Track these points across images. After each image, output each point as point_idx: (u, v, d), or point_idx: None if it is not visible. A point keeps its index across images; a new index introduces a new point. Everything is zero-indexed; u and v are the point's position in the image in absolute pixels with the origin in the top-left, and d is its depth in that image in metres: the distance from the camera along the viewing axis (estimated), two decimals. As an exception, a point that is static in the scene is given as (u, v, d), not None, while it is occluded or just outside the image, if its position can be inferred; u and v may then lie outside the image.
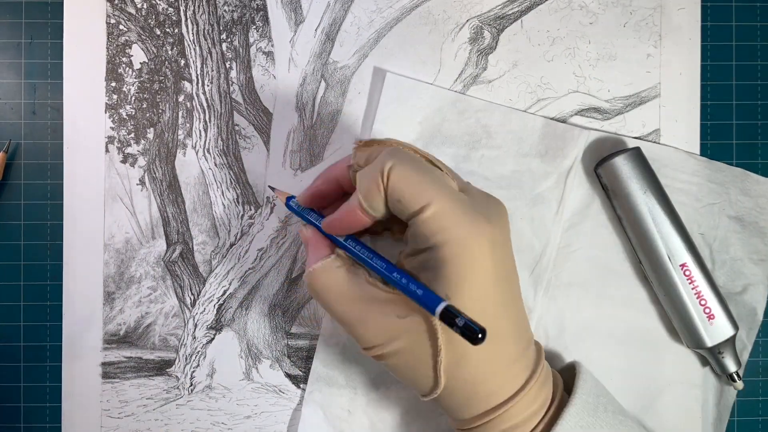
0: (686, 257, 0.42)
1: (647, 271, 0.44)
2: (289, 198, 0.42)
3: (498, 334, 0.33)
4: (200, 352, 0.45)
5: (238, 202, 0.46)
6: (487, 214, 0.33)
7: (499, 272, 0.33)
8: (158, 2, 0.46)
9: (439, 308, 0.30)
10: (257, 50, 0.46)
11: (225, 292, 0.46)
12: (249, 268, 0.46)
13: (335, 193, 0.39)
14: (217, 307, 0.46)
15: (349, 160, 0.38)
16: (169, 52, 0.46)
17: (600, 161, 0.44)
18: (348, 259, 0.37)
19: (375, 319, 0.34)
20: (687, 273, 0.42)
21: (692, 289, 0.42)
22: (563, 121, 0.46)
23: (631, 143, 0.45)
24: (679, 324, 0.43)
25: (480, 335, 0.28)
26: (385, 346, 0.34)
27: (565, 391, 0.38)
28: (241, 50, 0.46)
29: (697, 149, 0.46)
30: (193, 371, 0.45)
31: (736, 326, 0.42)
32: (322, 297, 0.36)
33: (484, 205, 0.34)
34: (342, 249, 0.37)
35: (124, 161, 0.46)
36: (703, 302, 0.42)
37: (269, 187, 0.45)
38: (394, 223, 0.38)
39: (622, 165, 0.42)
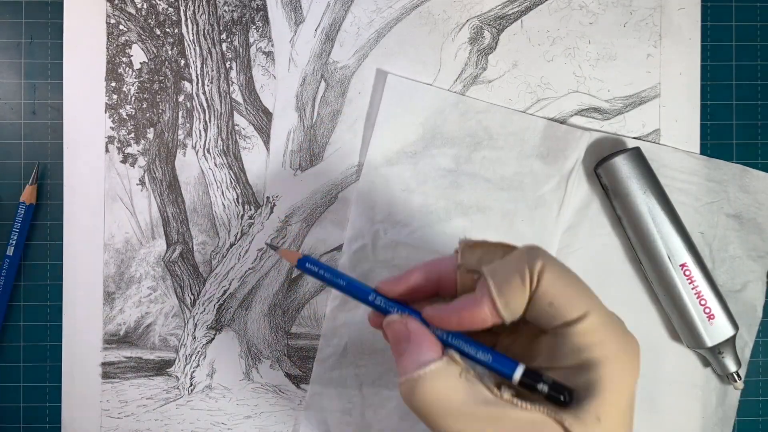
0: (686, 257, 0.42)
1: (647, 271, 0.44)
2: (303, 259, 0.34)
3: None
4: (200, 352, 0.45)
5: (238, 202, 0.46)
6: (628, 342, 0.30)
7: (625, 405, 0.30)
8: (158, 2, 0.46)
9: (519, 370, 0.28)
10: (257, 50, 0.46)
11: (225, 292, 0.46)
12: (249, 268, 0.46)
13: (430, 293, 0.33)
14: (217, 307, 0.46)
15: (452, 259, 0.32)
16: (169, 52, 0.46)
17: (600, 161, 0.44)
18: (462, 365, 0.29)
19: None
20: (687, 273, 0.42)
21: (692, 289, 0.42)
22: (563, 121, 0.46)
23: (631, 143, 0.45)
24: (679, 324, 0.43)
25: (567, 398, 0.27)
26: None
27: None
28: (241, 50, 0.46)
29: (697, 149, 0.46)
30: (193, 371, 0.45)
31: (736, 326, 0.42)
32: (429, 412, 0.28)
33: (625, 331, 0.31)
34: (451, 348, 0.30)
35: (124, 161, 0.46)
36: (703, 302, 0.42)
37: (268, 245, 0.43)
38: (506, 329, 0.32)
39: (622, 165, 0.43)
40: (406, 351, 0.30)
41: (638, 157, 0.43)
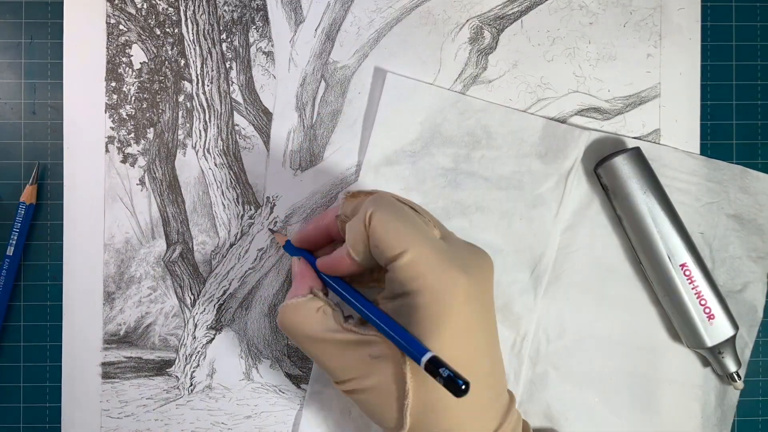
0: (686, 257, 0.42)
1: (647, 271, 0.44)
2: (288, 242, 0.43)
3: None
4: (200, 352, 0.45)
5: (238, 202, 0.46)
6: (465, 264, 0.34)
7: (472, 323, 0.33)
8: (158, 2, 0.46)
9: (425, 358, 0.30)
10: (257, 50, 0.46)
11: (225, 292, 0.46)
12: (249, 268, 0.46)
13: (324, 240, 0.40)
14: (217, 307, 0.46)
15: (337, 210, 0.38)
16: (169, 52, 0.46)
17: (600, 161, 0.44)
18: (325, 301, 0.37)
19: (346, 357, 0.34)
20: (687, 273, 0.42)
21: (692, 289, 0.42)
22: (563, 121, 0.46)
23: (631, 143, 0.45)
24: (679, 324, 0.43)
25: (463, 387, 0.29)
26: (356, 382, 0.34)
27: None
28: (241, 50, 0.46)
29: (697, 149, 0.46)
30: (193, 371, 0.45)
31: (736, 326, 0.42)
32: (290, 333, 0.36)
33: (465, 255, 0.35)
34: (330, 289, 0.38)
35: (124, 161, 0.46)
36: (703, 302, 0.42)
37: (269, 229, 0.45)
38: (379, 271, 0.38)
39: (622, 165, 0.43)
40: (293, 285, 0.38)
41: (638, 157, 0.43)
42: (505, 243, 0.45)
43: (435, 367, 0.30)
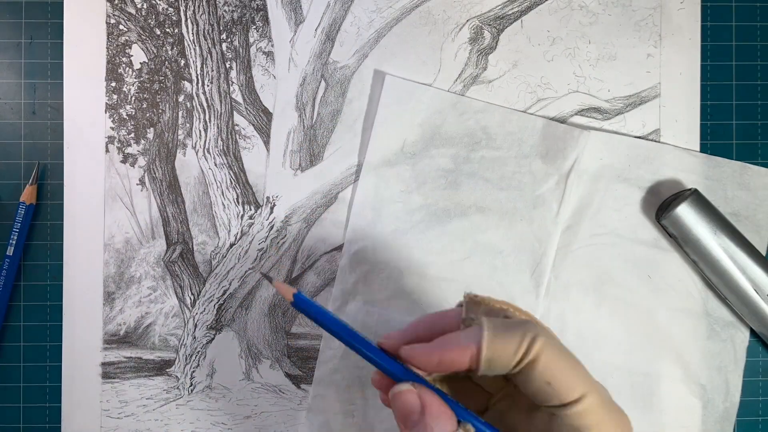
0: None
1: (735, 306, 0.44)
2: (297, 295, 0.32)
3: None
4: (200, 352, 0.45)
5: (238, 202, 0.46)
6: (622, 422, 0.30)
7: None
8: (158, 2, 0.46)
9: None
10: (257, 50, 0.46)
11: (225, 292, 0.46)
12: (249, 268, 0.46)
13: (427, 340, 0.31)
14: (217, 307, 0.46)
15: (459, 312, 0.31)
16: (169, 52, 0.46)
17: (662, 209, 0.44)
18: None
19: None
20: None
21: None
22: (563, 121, 0.46)
23: (632, 143, 0.45)
24: None
25: None
26: None
27: None
28: (241, 50, 0.46)
29: (697, 149, 0.46)
30: (193, 371, 0.45)
31: None
32: None
33: (619, 411, 0.31)
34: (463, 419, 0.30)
35: (124, 161, 0.46)
36: None
37: (261, 273, 0.43)
38: (501, 394, 0.33)
39: (687, 213, 0.43)
40: (419, 423, 0.29)
41: (699, 199, 0.43)
42: (506, 243, 0.45)
43: None
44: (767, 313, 0.43)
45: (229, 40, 0.46)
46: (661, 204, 0.44)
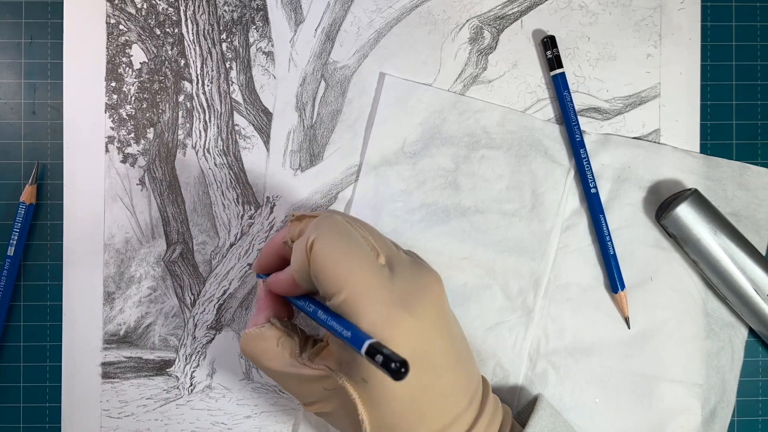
0: None
1: (735, 306, 0.44)
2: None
3: (427, 404, 0.33)
4: (200, 352, 0.45)
5: (238, 202, 0.46)
6: (405, 297, 0.32)
7: (416, 354, 0.32)
8: (158, 2, 0.46)
9: (365, 345, 0.29)
10: (257, 50, 0.46)
11: (225, 292, 0.46)
12: (249, 268, 0.46)
13: (278, 265, 0.39)
14: (217, 307, 0.46)
15: (285, 234, 0.38)
16: (169, 52, 0.46)
17: (661, 210, 0.44)
18: (282, 330, 0.37)
19: (304, 387, 0.35)
20: None
21: None
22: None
23: (632, 143, 0.45)
24: None
25: (403, 369, 0.28)
26: (318, 406, 0.36)
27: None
28: (241, 50, 0.46)
29: (697, 149, 0.46)
30: (193, 371, 0.45)
31: None
32: (252, 361, 0.38)
33: (408, 284, 0.33)
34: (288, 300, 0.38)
35: (124, 161, 0.46)
36: None
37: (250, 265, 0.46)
38: None
39: (687, 213, 0.43)
40: (253, 312, 0.39)
41: (699, 199, 0.43)
42: (506, 243, 0.45)
43: (375, 353, 0.29)
44: (767, 313, 0.43)
45: (229, 40, 0.46)
46: (661, 204, 0.44)
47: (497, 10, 0.46)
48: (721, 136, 0.47)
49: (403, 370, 0.28)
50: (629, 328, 0.45)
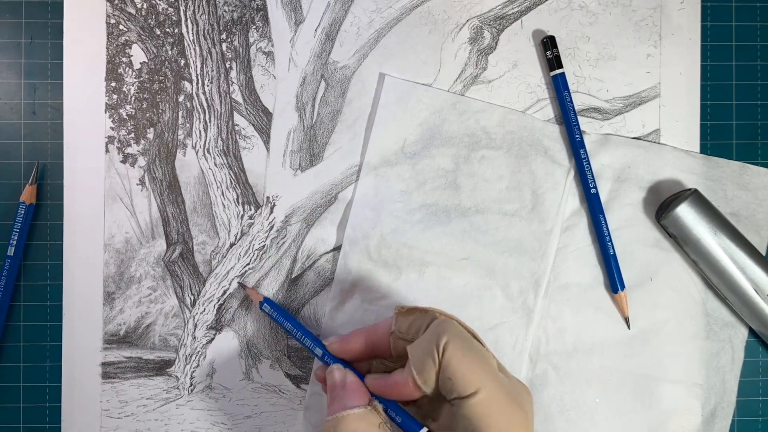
0: None
1: (735, 306, 0.44)
2: (263, 301, 0.44)
3: None
4: (200, 352, 0.45)
5: (238, 202, 0.46)
6: (521, 401, 0.34)
7: None
8: (158, 2, 0.46)
9: None
10: (257, 50, 0.46)
11: (225, 292, 0.46)
12: (249, 268, 0.46)
13: (367, 354, 0.39)
14: (217, 307, 0.46)
15: (389, 325, 0.37)
16: (169, 52, 0.46)
17: (661, 210, 0.44)
18: (384, 417, 0.35)
19: None
20: None
21: None
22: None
23: (632, 143, 0.45)
24: None
25: None
26: None
27: None
28: (241, 50, 0.46)
29: (697, 149, 0.46)
30: (193, 371, 0.45)
31: None
32: None
33: (517, 389, 0.34)
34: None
35: (124, 161, 0.46)
36: None
37: (239, 283, 0.45)
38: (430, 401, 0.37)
39: (687, 213, 0.43)
40: (338, 396, 0.36)
41: (699, 199, 0.43)
42: (506, 243, 0.45)
43: None
44: (767, 313, 0.43)
45: (229, 40, 0.46)
46: (661, 204, 0.44)
47: (497, 10, 0.46)
48: (721, 136, 0.47)
49: None
50: (629, 328, 0.45)
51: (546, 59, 0.45)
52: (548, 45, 0.45)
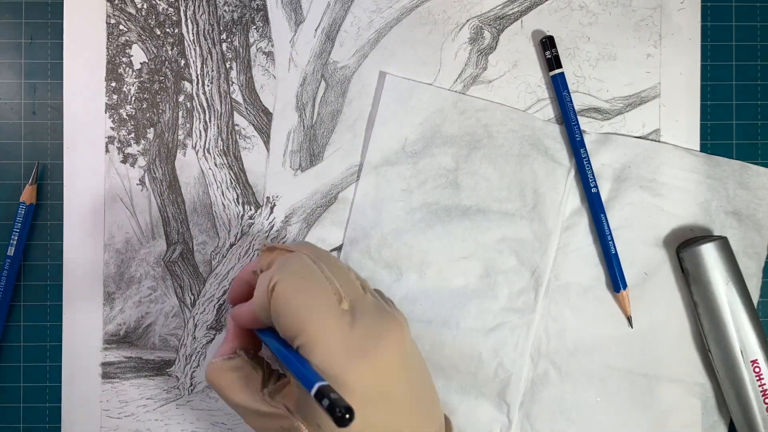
0: (759, 354, 0.42)
1: (715, 360, 0.44)
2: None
3: None
4: (200, 352, 0.45)
5: (238, 202, 0.46)
6: (365, 347, 0.33)
7: (372, 403, 0.32)
8: (158, 2, 0.46)
9: (314, 388, 0.30)
10: (257, 50, 0.46)
11: (225, 292, 0.46)
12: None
13: (248, 295, 0.39)
14: (217, 307, 0.46)
15: (255, 264, 0.38)
16: (169, 52, 0.46)
17: (684, 243, 0.44)
18: (247, 363, 0.37)
19: (263, 423, 0.35)
20: (756, 370, 0.42)
21: (759, 387, 0.42)
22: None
23: (632, 143, 0.45)
24: (739, 417, 0.43)
25: (347, 416, 0.28)
26: None
27: None
28: (241, 50, 0.46)
29: (697, 149, 0.46)
30: (193, 371, 0.45)
31: None
32: (216, 392, 0.38)
33: (370, 331, 0.33)
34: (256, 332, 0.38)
35: (124, 161, 0.46)
36: (767, 401, 0.42)
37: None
38: None
39: (708, 254, 0.43)
40: (222, 340, 0.39)
41: (725, 247, 0.43)
42: (506, 243, 0.45)
43: (320, 398, 0.29)
44: (743, 376, 0.42)
45: (229, 40, 0.46)
46: (687, 240, 0.44)
47: (497, 10, 0.46)
48: (721, 136, 0.47)
49: (347, 416, 0.28)
50: (632, 327, 0.45)
51: (545, 59, 0.45)
52: (547, 45, 0.45)
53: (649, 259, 0.45)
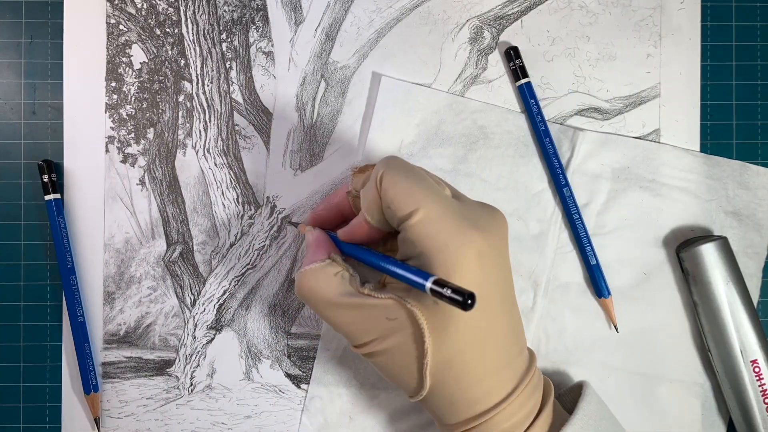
0: (758, 354, 0.42)
1: (714, 360, 0.44)
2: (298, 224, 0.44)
3: (486, 341, 0.33)
4: (200, 352, 0.45)
5: (238, 202, 0.46)
6: (478, 222, 0.33)
7: (486, 281, 0.33)
8: (158, 2, 0.46)
9: (429, 282, 0.30)
10: (257, 50, 0.46)
11: (225, 292, 0.46)
12: (249, 268, 0.46)
13: (336, 219, 0.40)
14: (217, 307, 0.46)
15: (347, 186, 0.39)
16: (169, 52, 0.46)
17: (684, 243, 0.44)
18: (343, 266, 0.37)
19: (364, 320, 0.34)
20: (756, 370, 0.42)
21: (759, 387, 0.42)
22: (562, 122, 0.46)
23: (631, 143, 0.45)
24: (738, 417, 0.43)
25: (469, 300, 0.28)
26: (375, 344, 0.34)
27: (568, 410, 0.38)
28: (241, 50, 0.46)
29: (697, 149, 0.46)
30: (193, 371, 0.45)
31: None
32: (308, 298, 0.36)
33: (477, 212, 0.35)
34: (347, 254, 0.38)
35: (124, 161, 0.46)
36: (767, 401, 0.42)
37: (289, 222, 0.46)
38: (392, 241, 0.38)
39: (708, 254, 0.42)
40: (307, 253, 0.38)
41: (725, 247, 0.43)
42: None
43: (440, 288, 0.29)
44: (743, 376, 0.42)
45: (229, 40, 0.46)
46: (686, 240, 0.44)
47: (497, 10, 0.46)
48: (721, 136, 0.47)
49: (470, 301, 0.28)
50: (617, 332, 0.45)
51: (510, 70, 0.45)
52: (512, 56, 0.45)
53: (649, 259, 0.45)
